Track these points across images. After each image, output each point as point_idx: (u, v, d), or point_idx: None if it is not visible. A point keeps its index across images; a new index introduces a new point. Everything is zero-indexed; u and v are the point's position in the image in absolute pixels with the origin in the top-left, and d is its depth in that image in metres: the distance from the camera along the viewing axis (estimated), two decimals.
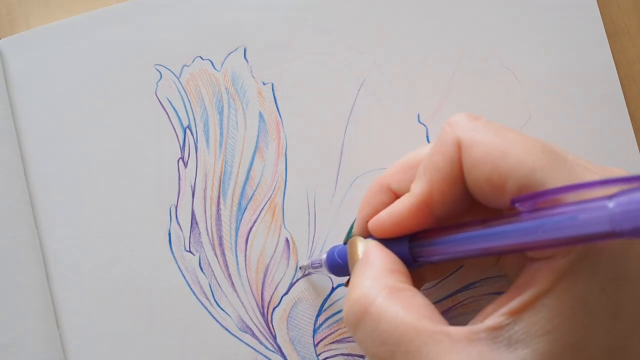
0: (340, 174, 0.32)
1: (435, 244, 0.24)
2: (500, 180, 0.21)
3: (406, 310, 0.21)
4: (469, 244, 0.22)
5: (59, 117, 0.33)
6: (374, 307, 0.22)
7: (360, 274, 0.24)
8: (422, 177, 0.24)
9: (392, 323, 0.21)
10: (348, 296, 0.23)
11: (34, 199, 0.32)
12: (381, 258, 0.24)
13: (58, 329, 0.31)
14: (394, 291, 0.22)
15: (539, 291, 0.20)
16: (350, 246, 0.26)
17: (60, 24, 0.33)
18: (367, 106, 0.32)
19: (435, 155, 0.24)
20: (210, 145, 0.32)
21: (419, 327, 0.21)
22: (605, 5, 0.33)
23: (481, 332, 0.21)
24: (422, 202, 0.24)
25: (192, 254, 0.32)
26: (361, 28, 0.33)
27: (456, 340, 0.20)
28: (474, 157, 0.22)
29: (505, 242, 0.21)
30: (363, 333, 0.22)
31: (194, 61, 0.33)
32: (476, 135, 0.22)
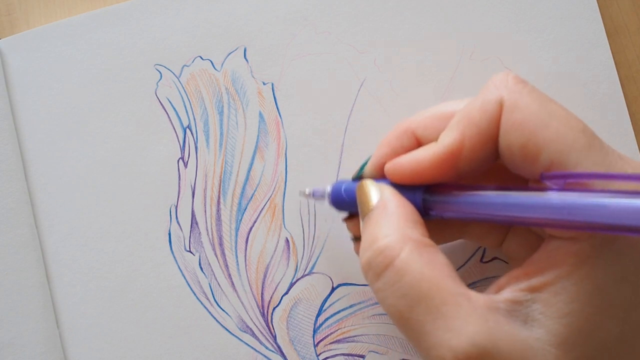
0: (340, 174, 0.32)
1: (452, 200, 0.23)
2: (535, 150, 0.21)
3: (430, 266, 0.21)
4: (489, 207, 0.22)
5: (59, 117, 0.33)
6: (399, 260, 0.21)
7: (380, 223, 0.23)
8: (455, 129, 0.23)
9: (415, 278, 0.21)
10: (368, 245, 0.23)
11: (34, 199, 0.32)
12: (401, 207, 0.23)
13: (58, 329, 0.31)
14: (419, 246, 0.22)
15: (559, 273, 0.20)
16: (360, 189, 0.25)
17: (60, 24, 0.33)
18: (367, 106, 0.32)
19: (474, 110, 0.23)
20: (210, 145, 0.32)
21: (442, 285, 0.21)
22: (605, 5, 0.33)
23: (500, 303, 0.21)
24: (450, 154, 0.23)
25: (192, 254, 0.32)
26: (361, 28, 0.33)
27: (476, 305, 0.21)
28: (514, 121, 0.22)
29: (528, 214, 0.21)
30: (383, 284, 0.22)
31: (194, 61, 0.33)
32: (520, 99, 0.22)
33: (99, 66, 0.33)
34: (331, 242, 0.32)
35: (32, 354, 0.31)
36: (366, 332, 0.31)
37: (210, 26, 0.33)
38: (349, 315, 0.31)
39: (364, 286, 0.31)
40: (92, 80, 0.33)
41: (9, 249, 0.31)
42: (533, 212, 0.20)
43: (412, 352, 0.31)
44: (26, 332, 0.31)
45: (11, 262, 0.31)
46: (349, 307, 0.31)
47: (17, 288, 0.31)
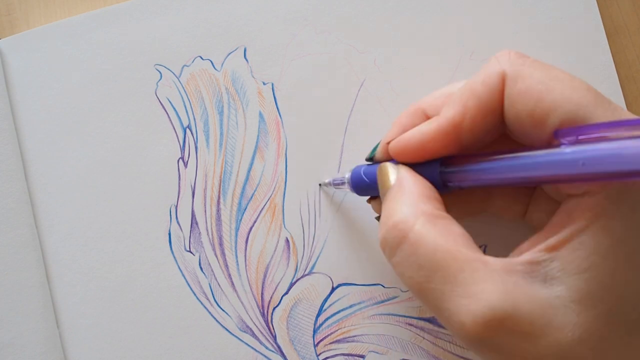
0: (340, 173, 0.32)
1: (468, 169, 0.23)
2: (542, 115, 0.21)
3: (444, 237, 0.21)
4: (505, 171, 0.22)
5: (59, 117, 0.33)
6: (413, 232, 0.22)
7: (396, 200, 0.23)
8: (457, 102, 0.24)
9: (430, 249, 0.21)
10: (385, 221, 0.23)
11: (34, 199, 0.32)
12: (416, 184, 0.24)
13: (58, 329, 0.31)
14: (432, 218, 0.22)
15: (576, 228, 0.20)
16: (380, 171, 0.26)
17: (60, 24, 0.33)
18: (367, 106, 0.32)
19: (475, 83, 0.23)
20: (210, 145, 0.32)
21: (457, 253, 0.21)
22: (605, 5, 0.33)
23: (518, 265, 0.21)
24: (452, 125, 0.24)
25: (192, 254, 0.32)
26: (361, 28, 0.33)
27: (493, 269, 0.21)
28: (518, 90, 0.22)
29: (542, 172, 0.21)
30: (400, 257, 0.22)
31: (194, 61, 0.33)
32: (522, 69, 0.22)
33: (99, 66, 0.33)
34: (331, 242, 0.32)
35: (32, 354, 0.31)
36: (366, 332, 0.31)
37: (210, 26, 0.33)
38: (349, 315, 0.31)
39: (364, 286, 0.31)
40: (92, 80, 0.33)
41: (9, 249, 0.31)
42: (549, 169, 0.20)
43: (412, 352, 0.31)
44: (26, 332, 0.31)
45: (11, 262, 0.31)
46: (349, 307, 0.31)
47: (17, 288, 0.31)
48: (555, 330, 0.20)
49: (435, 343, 0.31)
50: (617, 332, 0.20)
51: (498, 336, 0.20)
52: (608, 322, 0.20)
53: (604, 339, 0.20)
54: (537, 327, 0.20)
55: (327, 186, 0.31)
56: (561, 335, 0.20)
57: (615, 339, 0.20)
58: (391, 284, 0.31)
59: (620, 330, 0.20)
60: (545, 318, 0.20)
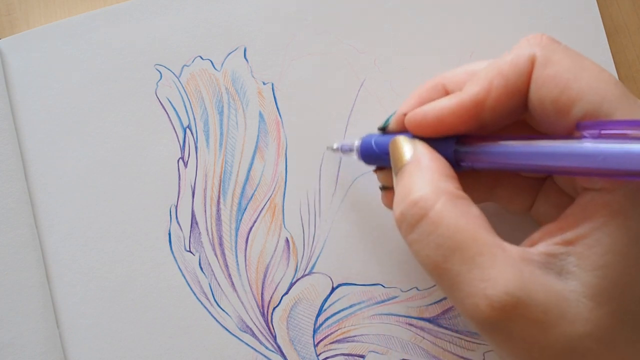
0: (340, 174, 0.32)
1: (485, 151, 0.23)
2: (567, 103, 0.21)
3: (465, 218, 0.21)
4: (523, 157, 0.22)
5: (59, 117, 0.33)
6: (433, 211, 0.22)
7: (414, 177, 0.23)
8: (482, 79, 0.23)
9: (450, 229, 0.21)
10: (402, 197, 0.23)
11: (34, 199, 0.32)
12: (434, 161, 0.23)
13: (58, 329, 0.31)
14: (453, 198, 0.22)
15: (593, 225, 0.20)
16: (394, 145, 0.25)
17: (60, 24, 0.33)
18: (367, 106, 0.32)
19: (504, 63, 0.23)
20: (210, 145, 0.32)
21: (477, 236, 0.21)
22: (605, 5, 0.33)
23: (535, 255, 0.21)
24: (474, 102, 0.23)
25: (192, 254, 0.32)
26: (361, 28, 0.33)
27: (510, 256, 0.21)
28: (546, 75, 0.22)
29: (561, 162, 0.21)
30: (418, 235, 0.22)
31: (194, 61, 0.33)
32: (552, 55, 0.22)
33: (99, 66, 0.33)
34: (331, 242, 0.32)
35: (32, 354, 0.31)
36: (366, 332, 0.31)
37: (210, 26, 0.33)
38: (349, 315, 0.31)
39: (364, 286, 0.31)
40: (92, 80, 0.33)
41: (9, 249, 0.31)
42: (568, 160, 0.20)
43: (412, 352, 0.31)
44: (26, 332, 0.31)
45: (11, 262, 0.31)
46: (349, 307, 0.31)
47: (17, 288, 0.31)
48: (567, 322, 0.20)
49: (435, 343, 0.31)
50: (628, 330, 0.20)
51: (511, 322, 0.20)
52: (619, 320, 0.20)
53: (615, 336, 0.20)
54: (550, 317, 0.20)
55: (334, 151, 0.31)
56: (572, 328, 0.20)
57: (625, 337, 0.20)
58: (391, 284, 0.31)
59: (631, 328, 0.20)
60: (558, 309, 0.20)
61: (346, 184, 0.32)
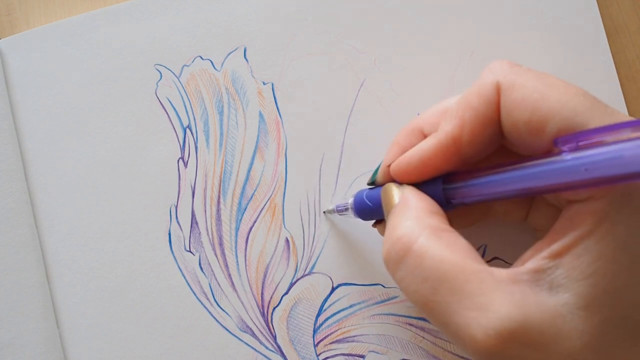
0: (340, 174, 0.32)
1: (471, 185, 0.23)
2: (540, 123, 0.21)
3: (450, 248, 0.21)
4: (508, 183, 0.22)
5: (59, 117, 0.33)
6: (417, 245, 0.22)
7: (400, 216, 0.23)
8: (454, 116, 0.24)
9: (435, 260, 0.21)
10: (388, 236, 0.23)
11: (34, 199, 0.32)
12: (420, 201, 0.24)
13: (58, 329, 0.31)
14: (436, 231, 0.22)
15: (580, 234, 0.20)
16: (385, 192, 0.26)
17: (60, 24, 0.33)
18: (367, 106, 0.32)
19: (471, 96, 0.23)
20: (210, 145, 0.32)
21: (463, 265, 0.21)
22: (605, 5, 0.33)
23: (523, 274, 0.21)
24: (451, 140, 0.24)
25: (192, 254, 0.32)
26: (361, 28, 0.33)
27: (499, 279, 0.20)
28: (514, 100, 0.22)
29: (546, 181, 0.21)
30: (404, 271, 0.22)
31: (194, 61, 0.33)
32: (517, 78, 0.22)
33: (99, 66, 0.33)
34: (331, 242, 0.32)
35: (32, 354, 0.31)
36: (366, 332, 0.31)
37: (210, 26, 0.33)
38: (349, 315, 0.31)
39: (363, 286, 0.31)
40: (92, 80, 0.33)
41: (9, 249, 0.31)
42: (552, 177, 0.20)
43: (412, 352, 0.31)
44: (26, 332, 0.31)
45: (11, 262, 0.31)
46: (349, 307, 0.31)
47: (17, 288, 0.31)
48: (564, 338, 0.19)
49: (435, 343, 0.31)
50: (622, 336, 0.20)
51: (510, 349, 0.19)
52: (614, 326, 0.20)
53: (610, 344, 0.20)
54: (547, 337, 0.19)
55: (331, 213, 0.31)
56: (570, 344, 0.19)
57: (620, 343, 0.20)
58: (391, 284, 0.31)
59: (625, 333, 0.20)
60: (554, 327, 0.20)
61: (346, 184, 0.32)
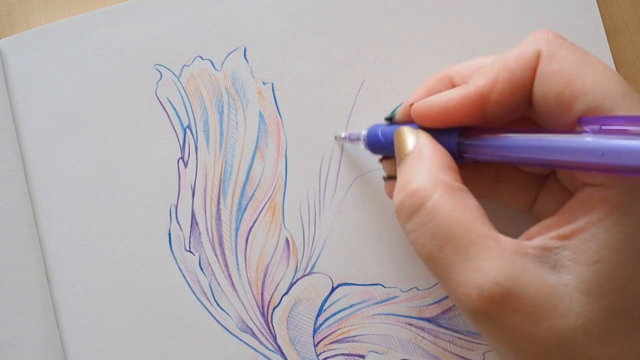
0: (340, 174, 0.32)
1: (487, 143, 0.23)
2: (570, 98, 0.22)
3: (460, 209, 0.22)
4: (524, 150, 0.22)
5: (59, 117, 0.33)
6: (430, 201, 0.22)
7: (414, 167, 0.24)
8: (488, 72, 0.24)
9: (446, 219, 0.21)
10: (402, 187, 0.23)
11: (34, 199, 0.32)
12: (435, 153, 0.24)
13: (58, 329, 0.31)
14: (450, 189, 0.22)
15: (590, 220, 0.21)
16: (398, 135, 0.26)
17: (60, 24, 0.33)
18: (367, 106, 0.32)
19: (510, 58, 0.23)
20: (210, 145, 0.32)
21: (472, 227, 0.21)
22: (605, 5, 0.33)
23: (529, 248, 0.21)
24: (479, 95, 0.24)
25: (192, 254, 0.32)
26: (361, 28, 0.33)
27: (504, 248, 0.21)
28: (551, 70, 0.22)
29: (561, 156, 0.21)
30: (415, 224, 0.22)
31: (194, 61, 0.33)
32: (558, 50, 0.22)
33: (99, 66, 0.33)
34: (331, 242, 0.32)
35: (32, 354, 0.31)
36: (366, 332, 0.31)
37: (210, 26, 0.33)
38: (349, 315, 0.31)
39: (364, 286, 0.31)
40: (92, 80, 0.33)
41: (9, 249, 0.31)
42: (568, 154, 0.21)
43: (412, 352, 0.31)
44: (26, 332, 0.31)
45: (11, 262, 0.31)
46: (349, 307, 0.31)
47: (17, 288, 0.31)
48: (558, 316, 0.20)
49: (435, 343, 0.31)
50: (621, 326, 0.20)
51: (501, 312, 0.20)
52: (613, 316, 0.20)
53: (608, 332, 0.20)
54: (540, 310, 0.20)
55: (341, 140, 0.31)
56: (563, 322, 0.20)
57: (619, 332, 0.20)
58: (391, 284, 0.31)
59: (624, 324, 0.20)
60: (549, 302, 0.20)
61: (346, 184, 0.32)
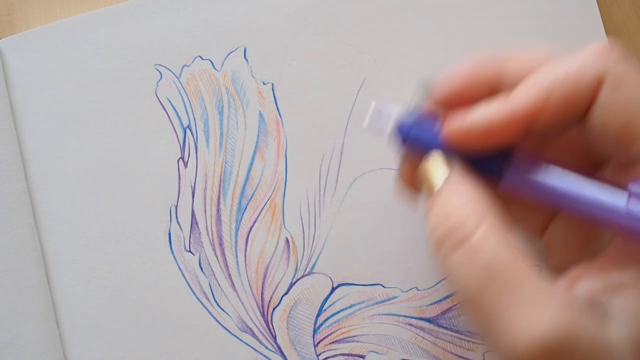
0: (340, 174, 0.32)
1: (532, 177, 0.22)
2: (632, 135, 0.20)
3: (506, 247, 0.20)
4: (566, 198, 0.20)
5: (59, 117, 0.33)
6: (474, 237, 0.20)
7: (454, 198, 0.22)
8: (539, 89, 0.21)
9: (490, 256, 0.20)
10: (441, 220, 0.21)
11: (34, 199, 0.32)
12: (472, 188, 0.22)
13: (58, 329, 0.31)
14: (494, 223, 0.21)
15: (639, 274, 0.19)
16: (428, 164, 0.23)
17: (60, 24, 0.33)
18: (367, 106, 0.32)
19: (566, 74, 0.21)
20: (210, 145, 0.32)
21: (518, 267, 0.19)
22: (605, 5, 0.33)
23: (579, 294, 0.20)
24: (527, 115, 0.21)
25: (192, 254, 0.32)
26: (361, 28, 0.33)
27: (555, 292, 0.19)
28: (616, 100, 0.20)
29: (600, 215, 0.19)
30: (457, 261, 0.21)
31: (194, 61, 0.33)
32: (624, 76, 0.20)
33: (99, 66, 0.33)
34: (331, 242, 0.32)
35: (32, 354, 0.31)
36: (366, 332, 0.31)
37: (210, 26, 0.33)
38: (349, 315, 0.31)
39: (364, 286, 0.31)
40: (92, 80, 0.33)
41: (9, 249, 0.31)
42: (608, 215, 0.19)
43: (412, 352, 0.31)
44: (26, 332, 0.31)
45: (11, 262, 0.31)
46: (349, 307, 0.31)
47: (17, 288, 0.31)
48: None
49: (435, 343, 0.31)
50: None
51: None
52: None
53: None
54: None
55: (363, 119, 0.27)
56: None
57: None
58: (391, 284, 0.31)
59: None
60: (602, 358, 0.18)
61: (346, 184, 0.32)
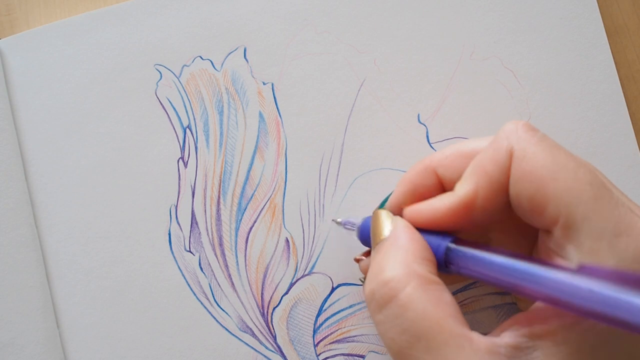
0: (340, 174, 0.32)
1: (474, 260, 0.23)
2: (542, 202, 0.21)
3: (434, 305, 0.21)
4: (505, 274, 0.21)
5: (59, 117, 0.33)
6: (403, 294, 0.21)
7: (389, 255, 0.23)
8: (469, 180, 0.24)
9: (418, 315, 0.21)
10: (374, 276, 0.23)
11: (34, 199, 0.32)
12: (412, 242, 0.23)
13: (58, 329, 0.31)
14: (424, 283, 0.22)
15: (563, 324, 0.20)
16: (375, 219, 0.25)
17: (60, 24, 0.33)
18: (367, 106, 0.32)
19: (485, 160, 0.23)
20: (210, 145, 0.32)
21: (444, 325, 0.21)
22: (605, 5, 0.33)
23: (501, 347, 0.21)
24: (465, 204, 0.23)
25: (192, 254, 0.32)
26: (361, 28, 0.33)
27: (477, 348, 0.20)
28: (523, 171, 0.22)
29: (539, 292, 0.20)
30: (385, 317, 0.22)
31: (194, 61, 0.33)
32: (529, 149, 0.22)
33: (99, 66, 0.33)
34: (331, 242, 0.32)
35: (32, 354, 0.31)
36: (366, 332, 0.31)
37: (210, 26, 0.33)
38: (349, 315, 0.31)
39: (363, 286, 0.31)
40: (92, 80, 0.33)
41: (9, 249, 0.31)
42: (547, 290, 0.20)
43: None
44: (26, 332, 0.31)
45: (11, 262, 0.31)
46: (349, 307, 0.31)
47: (17, 288, 0.31)
48: None
49: None
50: None
51: None
52: None
53: None
54: None
55: (338, 224, 0.31)
56: None
57: None
58: None
59: None
60: None
61: (346, 184, 0.32)
